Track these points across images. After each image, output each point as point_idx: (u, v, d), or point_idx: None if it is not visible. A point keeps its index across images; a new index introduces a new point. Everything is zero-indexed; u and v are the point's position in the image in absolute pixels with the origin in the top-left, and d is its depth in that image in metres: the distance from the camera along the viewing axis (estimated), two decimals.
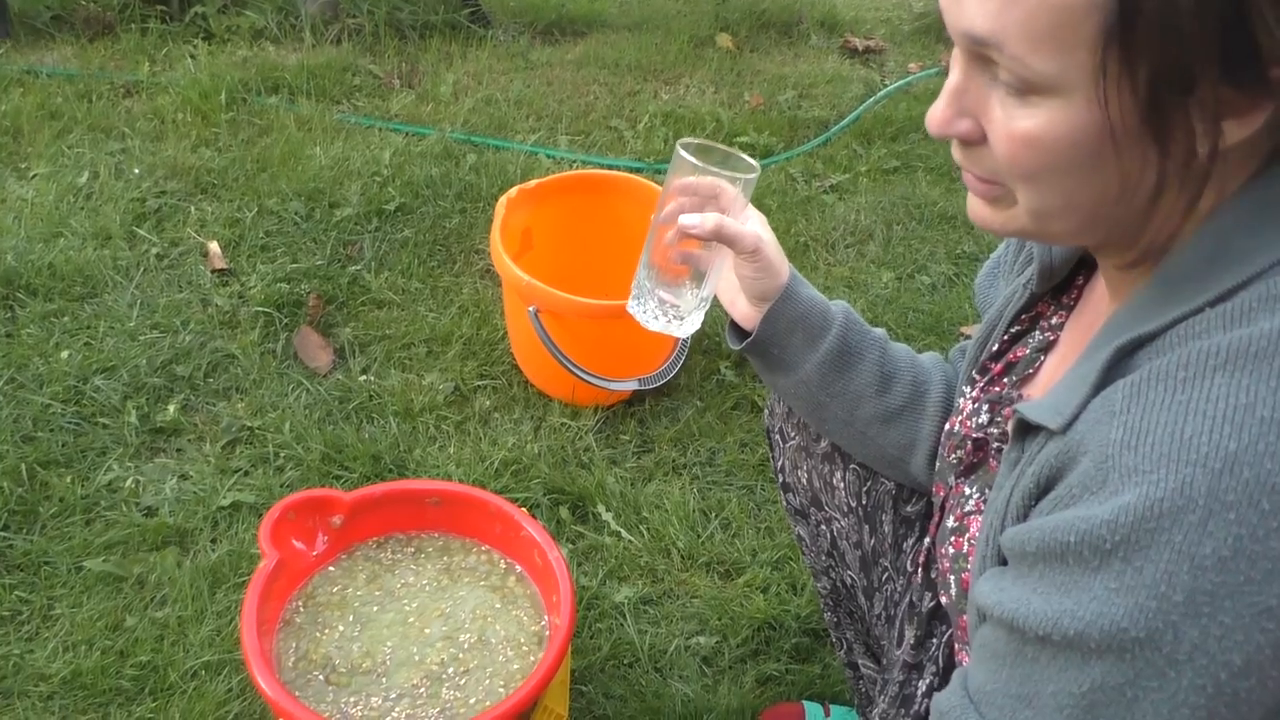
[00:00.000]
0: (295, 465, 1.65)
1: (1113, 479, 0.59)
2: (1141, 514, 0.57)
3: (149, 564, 1.48)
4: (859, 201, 2.45)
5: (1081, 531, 0.59)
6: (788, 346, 0.99)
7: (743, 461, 1.76)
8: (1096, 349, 0.68)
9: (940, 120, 0.67)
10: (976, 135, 0.66)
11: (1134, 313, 0.67)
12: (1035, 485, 0.67)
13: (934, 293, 2.20)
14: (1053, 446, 0.66)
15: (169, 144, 2.36)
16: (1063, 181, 0.63)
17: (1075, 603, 0.60)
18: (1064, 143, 0.61)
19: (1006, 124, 0.63)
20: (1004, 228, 0.70)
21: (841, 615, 1.20)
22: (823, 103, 2.90)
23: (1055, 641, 0.61)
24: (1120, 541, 0.58)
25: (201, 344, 1.85)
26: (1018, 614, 0.63)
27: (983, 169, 0.68)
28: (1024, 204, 0.66)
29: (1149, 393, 0.60)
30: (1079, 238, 0.69)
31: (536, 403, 1.83)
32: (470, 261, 2.13)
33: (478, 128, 2.57)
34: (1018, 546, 0.65)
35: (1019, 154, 0.63)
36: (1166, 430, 0.58)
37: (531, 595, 1.26)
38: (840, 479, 1.08)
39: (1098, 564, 0.59)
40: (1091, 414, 0.63)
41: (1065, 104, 0.60)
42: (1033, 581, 0.63)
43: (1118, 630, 0.58)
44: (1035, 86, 0.61)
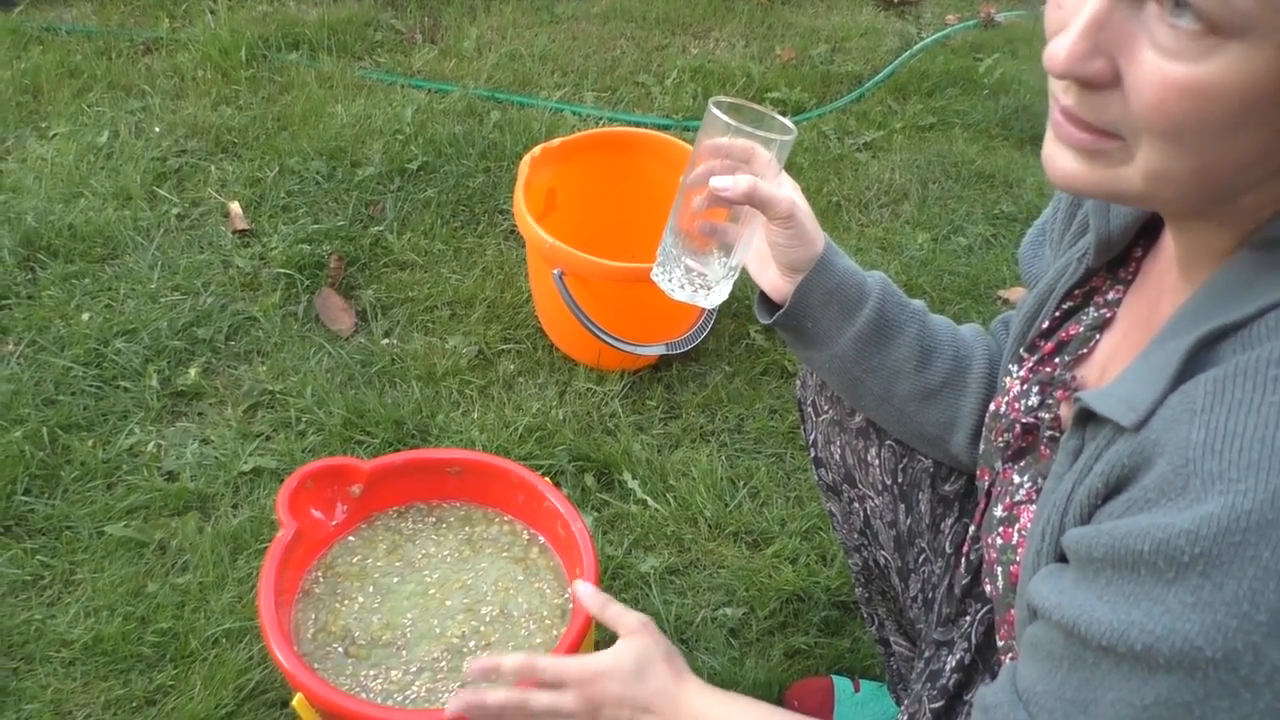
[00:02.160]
0: (317, 430, 1.63)
1: (1194, 485, 0.54)
2: (1226, 526, 0.52)
3: (170, 529, 1.47)
4: (893, 160, 2.38)
5: (1157, 540, 0.55)
6: (821, 320, 0.94)
7: (772, 429, 1.72)
8: (1173, 337, 0.62)
9: (1072, 55, 0.56)
10: (1108, 78, 0.56)
11: (1217, 298, 0.61)
12: (1104, 485, 0.62)
13: (970, 254, 2.14)
14: (1124, 444, 0.61)
15: (189, 102, 2.32)
16: (1210, 142, 0.55)
17: (1145, 615, 0.55)
18: (1235, 96, 0.53)
19: (1161, 69, 0.54)
20: (1097, 188, 0.61)
21: (873, 592, 1.17)
22: (856, 57, 2.81)
23: (1120, 652, 0.57)
24: (1200, 554, 0.53)
25: (223, 306, 1.83)
26: (1079, 620, 0.59)
27: (1102, 118, 0.58)
28: (1143, 163, 0.57)
29: (1235, 391, 0.55)
30: (1188, 204, 0.61)
31: (561, 367, 1.79)
32: (494, 222, 2.08)
33: (501, 84, 2.51)
34: (1084, 550, 0.61)
35: (1174, 105, 0.54)
36: (1255, 434, 0.53)
37: (555, 567, 1.23)
38: (875, 455, 1.03)
39: (1173, 576, 0.54)
40: (1169, 411, 0.58)
41: (1251, 50, 0.52)
42: (1098, 588, 0.59)
43: (1191, 648, 0.54)
44: (1221, 26, 0.51)
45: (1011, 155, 2.45)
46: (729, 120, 0.87)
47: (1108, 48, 0.56)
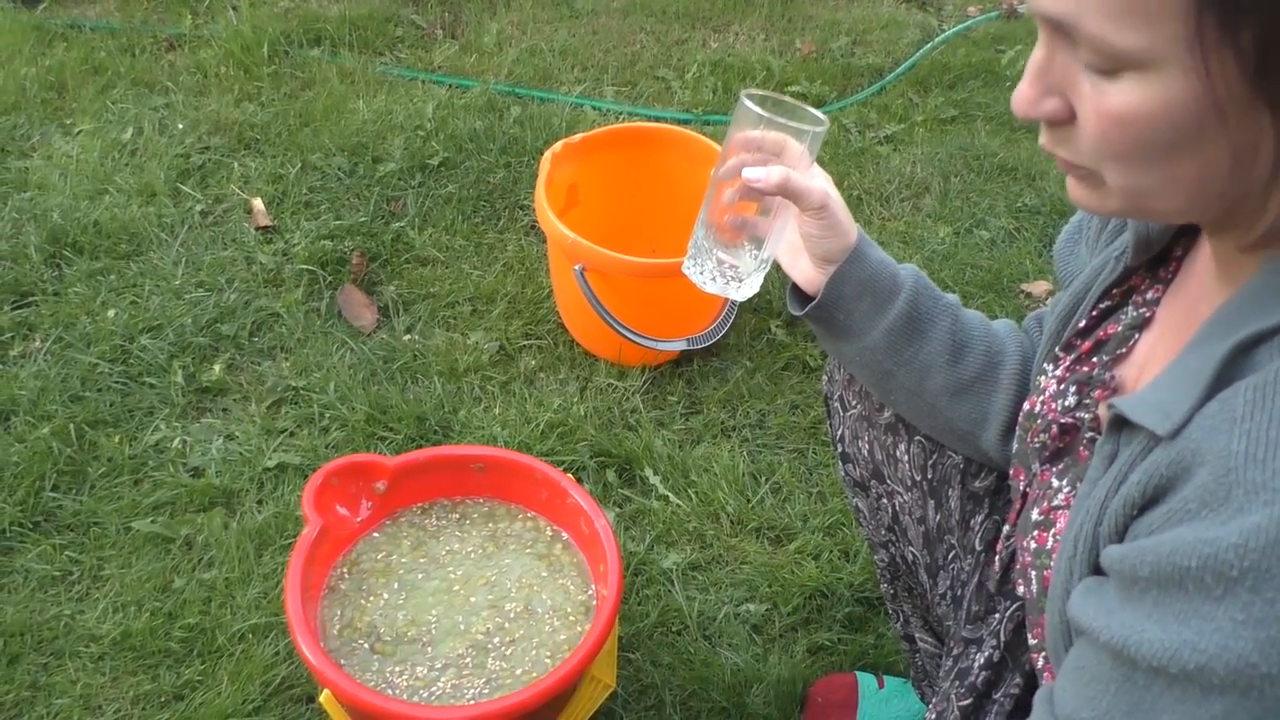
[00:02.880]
0: (340, 426, 1.64)
1: (1237, 495, 0.54)
2: (1274, 538, 0.52)
3: (196, 525, 1.48)
4: (915, 153, 2.37)
5: (1205, 556, 0.54)
6: (854, 312, 0.94)
7: (794, 424, 1.71)
8: (1209, 341, 0.62)
9: (1025, 100, 0.62)
10: (1064, 114, 0.61)
11: (1254, 302, 0.60)
12: (1140, 495, 0.61)
13: (993, 248, 2.12)
14: (1161, 454, 0.60)
15: (212, 98, 2.34)
16: (1159, 161, 0.58)
17: (1196, 634, 0.54)
18: (1161, 119, 0.56)
19: (1095, 103, 0.58)
20: (1103, 208, 0.64)
21: (899, 589, 1.16)
22: (877, 49, 2.79)
23: (1171, 674, 0.56)
24: (1249, 569, 0.52)
25: (246, 302, 1.84)
26: (1129, 641, 0.58)
27: (1072, 152, 0.62)
28: (1115, 185, 0.61)
29: (1277, 398, 0.54)
30: (1184, 216, 0.63)
31: (582, 362, 1.79)
32: (515, 217, 2.09)
33: (522, 79, 2.51)
34: (1128, 569, 0.60)
35: (1111, 133, 0.58)
36: None
37: (578, 564, 1.23)
38: (904, 451, 1.03)
39: (1221, 592, 0.54)
40: (1208, 419, 0.57)
41: (1158, 78, 0.55)
42: (1146, 607, 0.58)
43: (1245, 665, 0.53)
44: (1122, 63, 0.56)
45: (1034, 148, 2.43)
46: (761, 112, 0.87)
47: (1058, 88, 0.61)
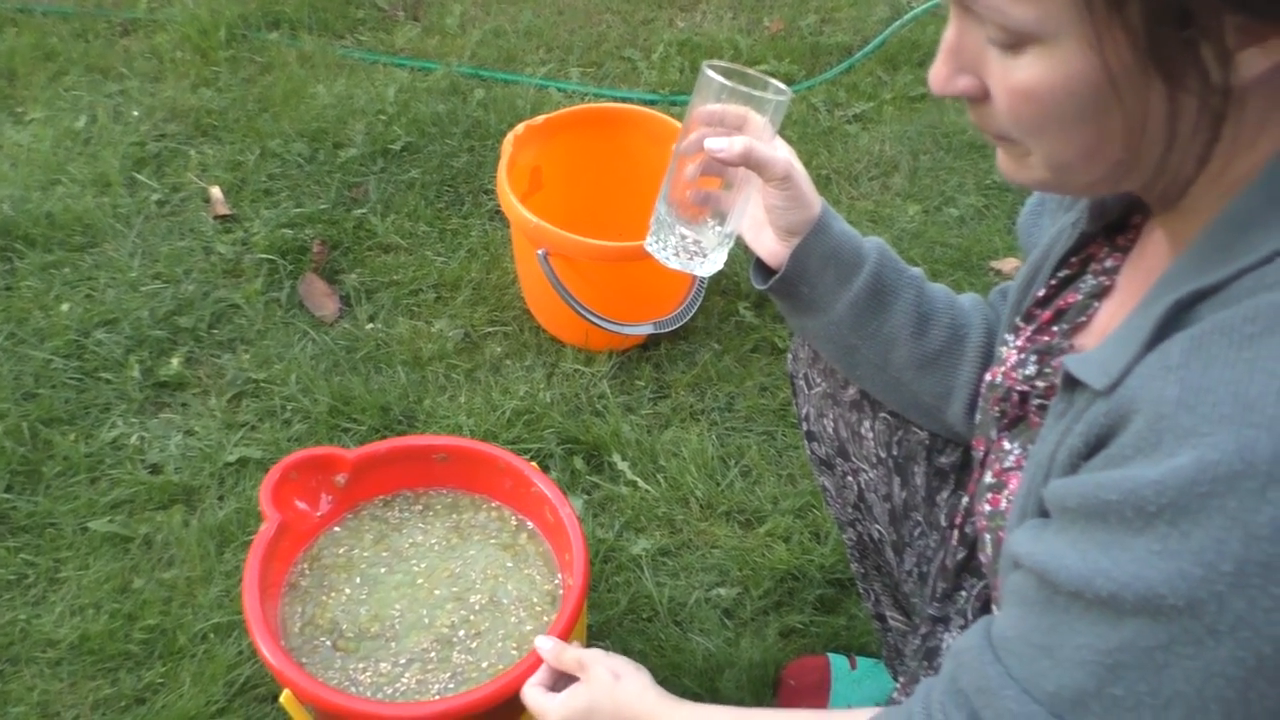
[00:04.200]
0: (302, 418, 1.61)
1: (1167, 440, 0.54)
2: (1193, 476, 0.52)
3: (155, 523, 1.45)
4: (884, 131, 2.35)
5: (1126, 490, 0.55)
6: (818, 285, 0.93)
7: (763, 406, 1.70)
8: (1151, 302, 0.62)
9: (939, 78, 0.64)
10: (979, 92, 0.63)
11: (1193, 262, 0.61)
12: (1083, 444, 0.62)
13: (962, 226, 2.11)
14: (1101, 405, 0.61)
15: (168, 84, 2.29)
16: (1068, 132, 0.60)
17: (1113, 563, 0.56)
18: (1060, 91, 0.58)
19: (1003, 78, 0.60)
20: (1029, 181, 0.66)
21: (868, 567, 1.15)
22: (846, 27, 2.77)
23: (1087, 598, 0.58)
24: (1167, 504, 0.53)
25: (205, 294, 1.80)
26: (1049, 566, 0.60)
27: (993, 126, 0.64)
28: (1038, 157, 0.63)
29: (1210, 348, 0.55)
30: (1103, 186, 0.65)
31: (549, 349, 1.77)
32: (479, 202, 2.05)
33: (486, 61, 2.47)
34: (1059, 500, 0.61)
35: (1019, 108, 0.60)
36: (1229, 389, 0.53)
37: (544, 553, 1.21)
38: (869, 428, 1.02)
39: (1141, 525, 0.55)
40: (1145, 370, 0.58)
41: (1055, 51, 0.57)
42: (1071, 536, 0.60)
43: (1154, 595, 0.54)
44: (1021, 36, 0.57)
45: None
46: (724, 81, 0.86)
47: (970, 67, 0.62)
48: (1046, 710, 0.61)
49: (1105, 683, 0.57)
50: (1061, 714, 0.60)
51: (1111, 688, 0.57)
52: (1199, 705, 0.55)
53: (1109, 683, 0.57)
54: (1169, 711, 0.56)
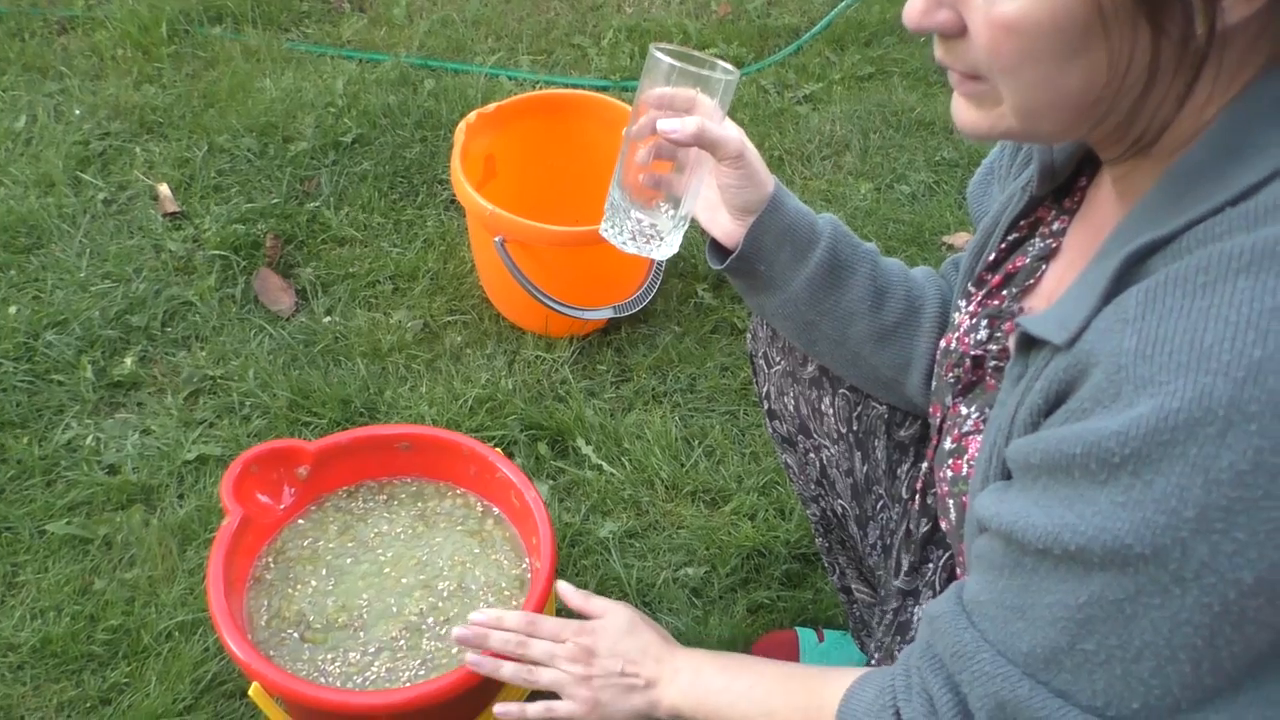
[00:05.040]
0: (262, 414, 1.59)
1: (1126, 390, 0.55)
2: (1154, 426, 0.53)
3: (115, 524, 1.43)
4: (834, 111, 2.37)
5: (1089, 443, 0.56)
6: (775, 262, 0.94)
7: (724, 386, 1.71)
8: (1105, 256, 0.63)
9: (918, 11, 0.62)
10: (956, 26, 0.61)
11: (1145, 215, 0.62)
12: (1044, 401, 0.63)
13: (914, 202, 2.14)
14: (1060, 360, 0.62)
15: (110, 82, 2.24)
16: (1048, 71, 0.59)
17: (1078, 516, 0.57)
18: (1047, 26, 0.57)
19: (987, 11, 0.58)
20: (991, 130, 0.65)
21: (833, 542, 1.17)
22: (793, 9, 2.78)
23: (1055, 555, 0.58)
24: (1130, 455, 0.54)
25: (157, 292, 1.77)
26: (1016, 525, 0.60)
27: (965, 64, 0.63)
28: (1009, 101, 0.61)
29: (1166, 298, 0.55)
30: (1071, 133, 0.64)
31: (509, 336, 1.76)
32: (434, 192, 2.04)
33: (435, 51, 2.45)
34: (1022, 458, 0.62)
35: (1001, 42, 0.58)
36: (1185, 338, 0.54)
37: (511, 538, 1.21)
38: (829, 404, 1.03)
39: (1105, 477, 0.56)
40: (1102, 323, 0.59)
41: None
42: (1035, 494, 0.60)
43: (1121, 546, 0.55)
44: None
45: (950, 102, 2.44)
46: (672, 62, 0.86)
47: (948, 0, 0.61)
48: (1020, 670, 0.61)
49: (1077, 638, 0.58)
50: (1034, 673, 0.61)
51: (1083, 643, 0.58)
52: (1168, 655, 0.55)
53: (1080, 638, 0.58)
54: (1139, 663, 0.56)
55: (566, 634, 0.93)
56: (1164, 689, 0.57)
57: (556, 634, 0.94)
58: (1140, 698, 0.57)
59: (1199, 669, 0.55)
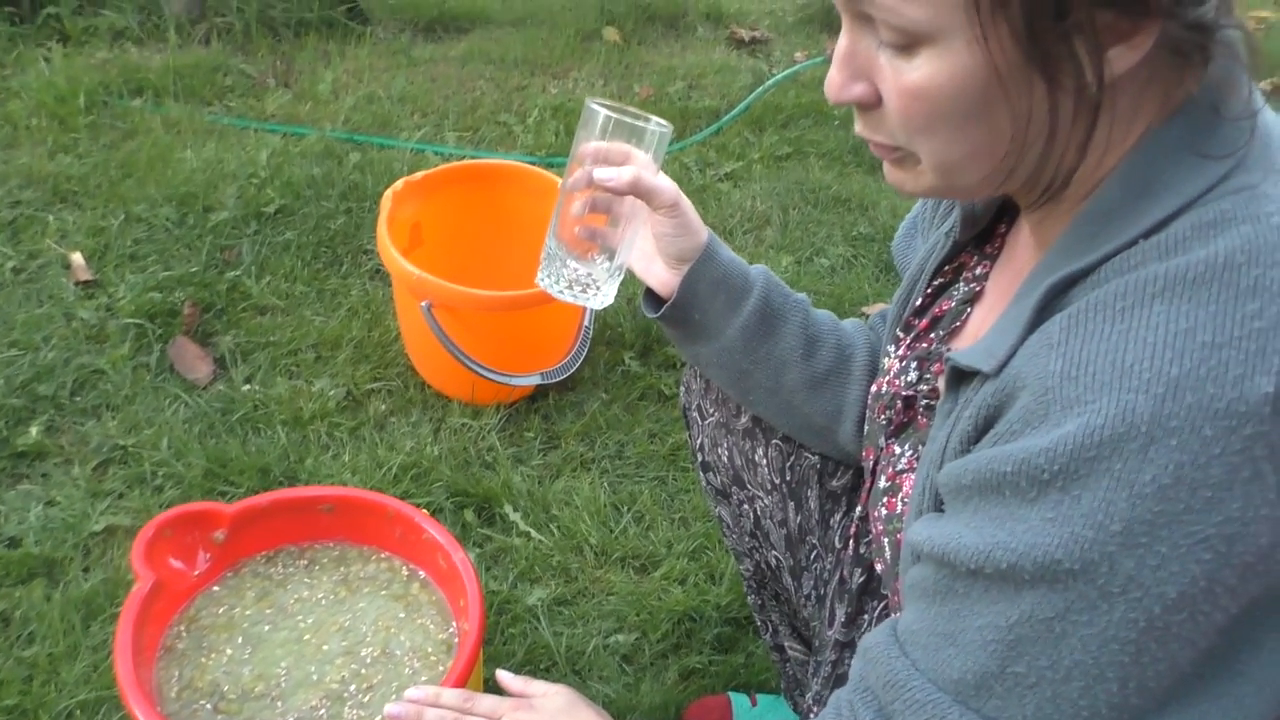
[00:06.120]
0: (175, 483, 1.54)
1: (1054, 411, 0.57)
2: (1081, 442, 0.55)
3: (13, 599, 1.35)
4: (754, 188, 2.44)
5: (1019, 461, 0.57)
6: (710, 310, 0.95)
7: (653, 452, 1.71)
8: (1027, 291, 0.66)
9: (834, 85, 0.65)
10: (872, 98, 0.64)
11: (1063, 252, 0.64)
12: (973, 427, 0.64)
13: (833, 275, 2.19)
14: (989, 387, 0.63)
15: (23, 151, 2.20)
16: (958, 131, 0.62)
17: (1009, 534, 0.57)
18: (949, 90, 0.60)
19: (895, 81, 0.62)
20: (916, 188, 0.68)
21: (766, 598, 1.16)
22: (712, 93, 2.88)
23: (987, 574, 0.59)
24: (1059, 471, 0.55)
25: (66, 360, 1.71)
26: (948, 548, 0.61)
27: (883, 134, 0.66)
28: (926, 161, 0.65)
29: (1087, 323, 0.58)
30: (988, 187, 0.67)
31: (435, 404, 1.74)
32: (359, 262, 2.03)
33: (360, 126, 2.46)
34: (953, 481, 0.63)
35: (910, 108, 0.62)
36: (1107, 359, 0.56)
37: (437, 601, 1.18)
38: (763, 455, 1.03)
39: (1035, 495, 0.57)
40: (1028, 350, 0.61)
41: (945, 50, 0.59)
42: (967, 515, 0.61)
43: (1051, 561, 0.56)
44: (914, 37, 0.59)
45: (865, 180, 2.54)
46: (608, 112, 0.87)
47: (864, 73, 0.64)
48: (952, 697, 0.62)
49: (1007, 661, 0.59)
50: (965, 700, 0.61)
51: (1013, 665, 0.58)
52: (1096, 674, 0.56)
53: (1010, 660, 0.59)
54: (1068, 684, 0.57)
55: (503, 710, 0.90)
56: (1092, 710, 0.57)
57: (493, 711, 0.91)
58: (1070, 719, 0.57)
59: (1125, 688, 0.56)
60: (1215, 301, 0.55)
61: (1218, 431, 0.52)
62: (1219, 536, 0.53)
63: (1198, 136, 0.61)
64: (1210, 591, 0.54)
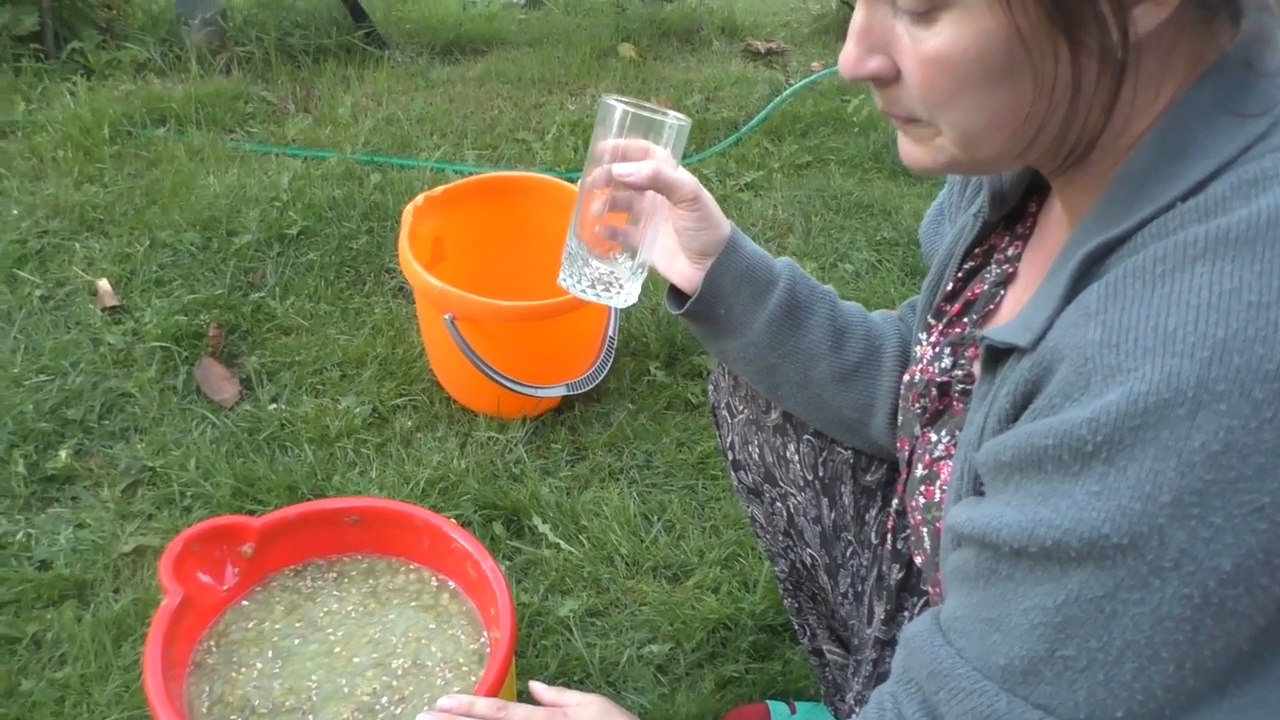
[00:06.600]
0: (204, 503, 1.53)
1: (1095, 381, 0.54)
2: (1124, 410, 0.52)
3: (45, 621, 1.35)
4: (775, 197, 2.42)
5: (1060, 433, 0.55)
6: (735, 304, 0.93)
7: (681, 461, 1.69)
8: (1062, 263, 0.63)
9: (851, 60, 0.63)
10: (889, 72, 0.63)
11: (1097, 220, 0.62)
12: (1011, 405, 0.62)
13: (858, 280, 2.17)
14: (1026, 361, 0.61)
15: (49, 182, 2.22)
16: (980, 98, 0.60)
17: (1053, 510, 0.55)
18: (973, 54, 0.58)
19: (915, 50, 0.60)
20: (935, 163, 0.66)
21: (803, 600, 1.13)
22: (730, 104, 2.87)
23: (1032, 554, 0.56)
24: (1103, 441, 0.53)
25: (94, 385, 1.72)
26: (989, 528, 0.59)
27: (901, 108, 0.64)
28: (948, 133, 0.63)
29: (1126, 290, 0.56)
30: (1010, 157, 0.65)
31: (461, 418, 1.73)
32: (381, 280, 2.03)
33: (380, 147, 2.48)
34: (993, 458, 0.61)
35: (932, 77, 0.60)
36: (1149, 324, 0.53)
37: (468, 611, 1.16)
38: (794, 451, 1.01)
39: (1078, 468, 0.54)
40: (1065, 320, 0.59)
41: (966, 13, 0.57)
42: (1008, 494, 0.59)
43: (1098, 536, 0.53)
44: (933, 2, 0.58)
45: (886, 185, 2.52)
46: (626, 107, 0.86)
47: (880, 47, 0.63)
48: (999, 685, 0.59)
49: (1056, 644, 0.56)
50: (1013, 687, 0.59)
51: (1062, 649, 0.56)
52: (1150, 654, 0.54)
53: (1059, 644, 0.56)
54: (1121, 665, 0.54)
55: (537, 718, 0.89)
56: (1147, 693, 0.54)
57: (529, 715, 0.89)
58: (1124, 704, 0.55)
59: (1182, 669, 0.54)
60: (1260, 260, 0.52)
61: (1269, 394, 0.50)
62: (1275, 505, 0.51)
63: (1232, 95, 0.59)
64: (1268, 563, 0.51)
